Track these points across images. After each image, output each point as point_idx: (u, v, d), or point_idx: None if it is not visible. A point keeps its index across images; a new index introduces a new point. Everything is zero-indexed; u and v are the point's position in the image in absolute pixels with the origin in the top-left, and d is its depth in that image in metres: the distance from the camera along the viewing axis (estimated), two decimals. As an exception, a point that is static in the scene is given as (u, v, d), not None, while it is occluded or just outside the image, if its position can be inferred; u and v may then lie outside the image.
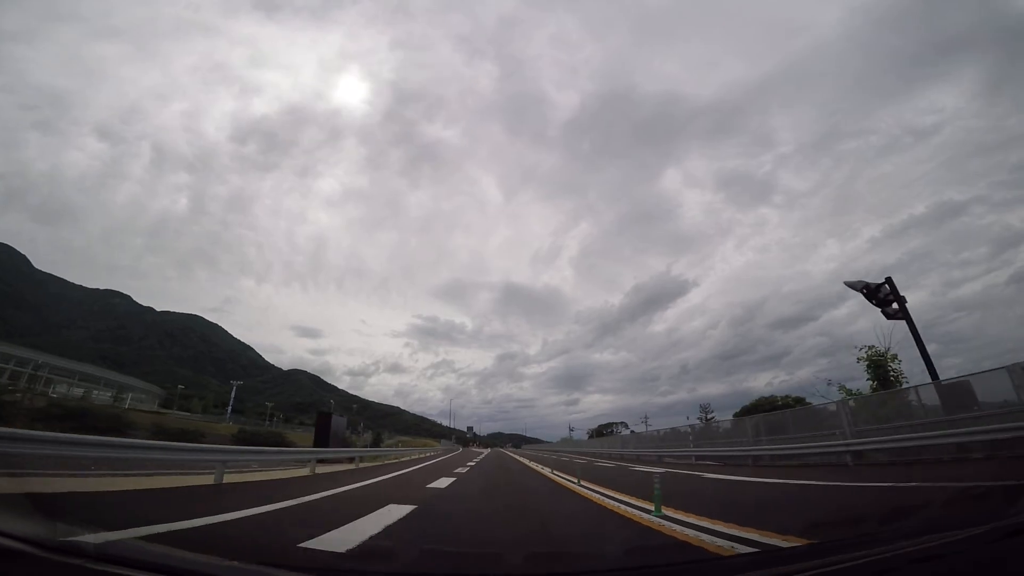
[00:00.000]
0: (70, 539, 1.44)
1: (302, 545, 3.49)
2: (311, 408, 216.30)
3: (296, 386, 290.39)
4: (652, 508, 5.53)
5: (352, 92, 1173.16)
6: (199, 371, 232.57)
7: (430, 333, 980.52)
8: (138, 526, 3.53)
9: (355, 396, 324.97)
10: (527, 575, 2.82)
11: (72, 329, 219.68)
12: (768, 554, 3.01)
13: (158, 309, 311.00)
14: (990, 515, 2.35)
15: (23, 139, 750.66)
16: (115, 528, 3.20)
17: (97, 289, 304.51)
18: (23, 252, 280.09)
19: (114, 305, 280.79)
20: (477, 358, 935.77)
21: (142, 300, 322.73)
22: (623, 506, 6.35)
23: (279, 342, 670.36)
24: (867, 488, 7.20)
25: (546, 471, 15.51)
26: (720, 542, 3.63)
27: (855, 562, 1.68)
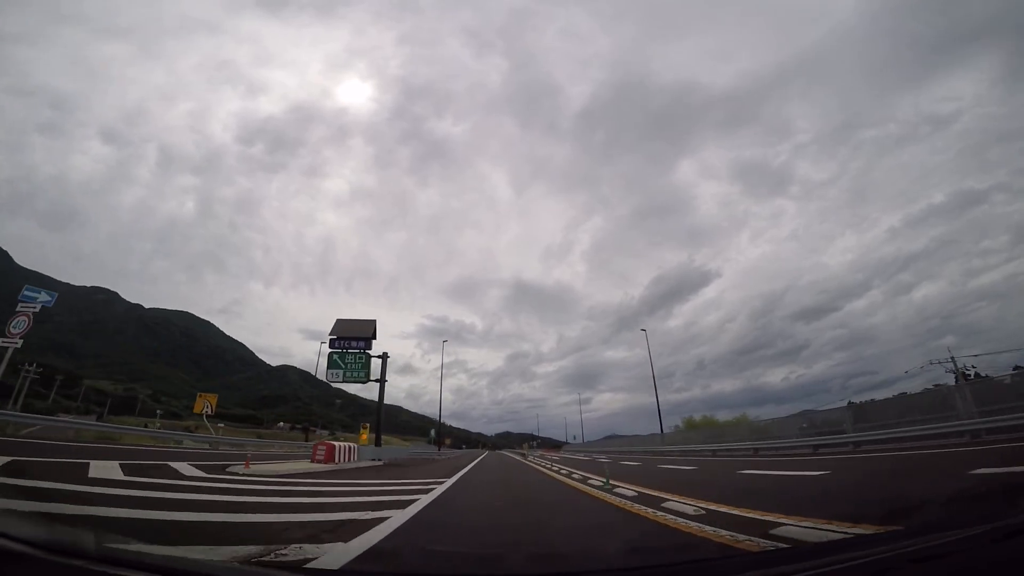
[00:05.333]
0: (71, 541, 1.47)
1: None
2: (278, 401, 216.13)
3: (282, 382, 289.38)
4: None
5: (359, 89, 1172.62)
6: (173, 365, 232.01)
7: (440, 333, 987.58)
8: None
9: (341, 391, 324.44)
10: (528, 575, 2.87)
11: (48, 323, 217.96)
12: (768, 554, 3.09)
13: (147, 306, 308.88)
14: (990, 515, 2.42)
15: (27, 143, 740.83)
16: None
17: (83, 286, 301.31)
18: (4, 248, 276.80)
19: (97, 302, 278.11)
20: (488, 358, 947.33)
21: (149, 304, 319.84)
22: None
23: (288, 345, 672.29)
24: None
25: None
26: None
27: (855, 562, 1.74)
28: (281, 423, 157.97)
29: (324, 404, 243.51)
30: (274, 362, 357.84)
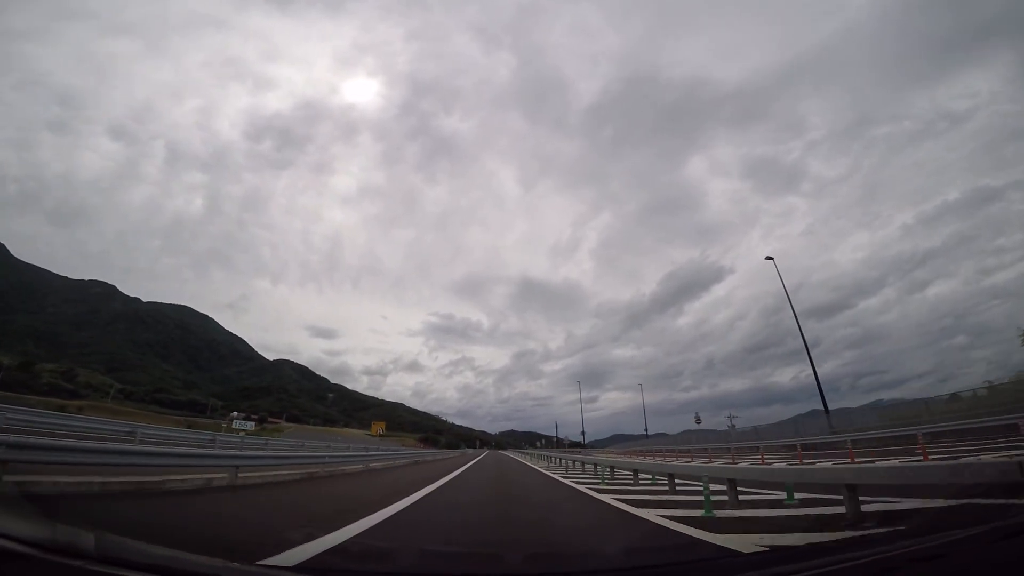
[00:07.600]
0: (71, 541, 1.47)
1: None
2: (261, 393, 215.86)
3: (276, 375, 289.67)
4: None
5: (367, 86, 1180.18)
6: (164, 358, 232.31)
7: (447, 331, 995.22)
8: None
9: (338, 386, 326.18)
10: (527, 575, 2.90)
11: (42, 314, 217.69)
12: (768, 554, 3.12)
13: (144, 300, 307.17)
14: (990, 515, 2.45)
15: (36, 140, 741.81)
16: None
17: (81, 280, 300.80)
18: (2, 242, 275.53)
19: (94, 295, 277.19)
20: (494, 356, 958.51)
21: (148, 298, 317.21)
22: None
23: (295, 341, 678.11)
24: None
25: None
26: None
27: (855, 562, 1.76)
28: (235, 412, 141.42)
29: (315, 398, 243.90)
30: (279, 358, 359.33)
